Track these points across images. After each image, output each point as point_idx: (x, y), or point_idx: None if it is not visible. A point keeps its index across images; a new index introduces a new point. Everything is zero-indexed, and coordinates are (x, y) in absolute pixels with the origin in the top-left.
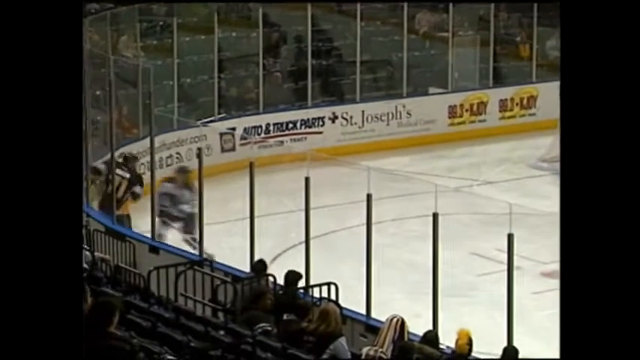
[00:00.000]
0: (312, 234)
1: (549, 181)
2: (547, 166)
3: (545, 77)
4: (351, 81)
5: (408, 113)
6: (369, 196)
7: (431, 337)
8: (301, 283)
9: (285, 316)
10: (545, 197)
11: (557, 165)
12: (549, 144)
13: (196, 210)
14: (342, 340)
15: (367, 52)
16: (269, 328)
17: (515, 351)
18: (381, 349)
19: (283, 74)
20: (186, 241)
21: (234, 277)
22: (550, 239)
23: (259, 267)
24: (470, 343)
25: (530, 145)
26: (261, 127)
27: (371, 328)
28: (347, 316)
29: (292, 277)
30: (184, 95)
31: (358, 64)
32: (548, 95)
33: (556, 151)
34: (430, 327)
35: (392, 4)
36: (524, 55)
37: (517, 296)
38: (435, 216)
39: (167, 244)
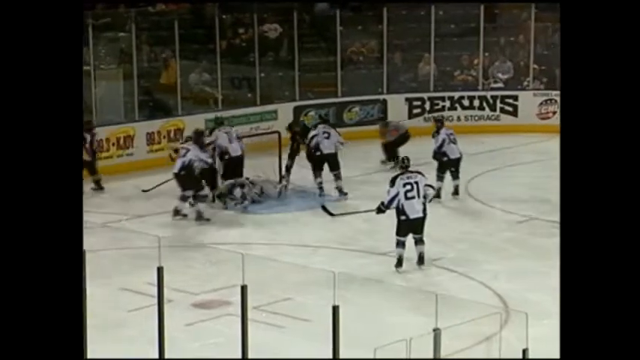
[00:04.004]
0: None
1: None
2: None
3: (190, 110)
4: None
5: None
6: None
7: None
8: None
9: None
10: (192, 229)
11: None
12: None
13: None
14: None
15: None
16: None
17: None
18: None
19: None
20: None
21: None
22: (200, 270)
23: None
24: None
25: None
26: None
27: None
28: None
29: None
30: None
31: None
32: (194, 127)
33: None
34: None
35: None
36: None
37: (169, 329)
38: (83, 253)
39: None
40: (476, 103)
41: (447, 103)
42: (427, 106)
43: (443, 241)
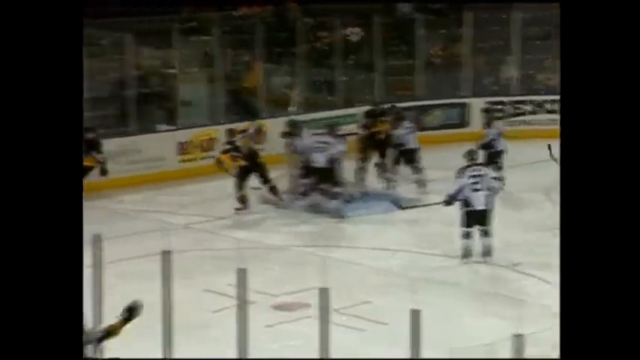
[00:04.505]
0: None
1: (277, 216)
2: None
3: (273, 112)
4: None
5: (138, 150)
6: (97, 237)
7: None
8: None
9: None
10: (273, 231)
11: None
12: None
13: None
14: None
15: (94, 89)
16: None
17: None
18: None
19: None
20: None
21: None
22: (280, 272)
23: None
24: None
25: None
26: None
27: None
28: None
29: None
30: None
31: (83, 101)
32: (277, 130)
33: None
34: None
35: (115, 39)
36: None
37: (251, 330)
38: (166, 254)
39: None
40: (558, 106)
41: (530, 107)
42: (509, 109)
43: (523, 245)
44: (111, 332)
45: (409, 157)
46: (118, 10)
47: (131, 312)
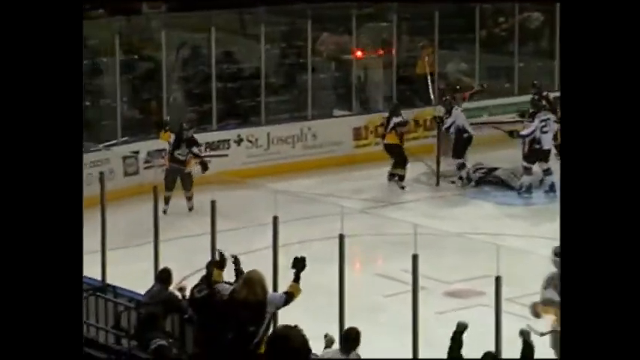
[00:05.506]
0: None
1: (450, 203)
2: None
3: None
4: (256, 103)
5: (314, 135)
6: (275, 219)
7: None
8: None
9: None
10: (446, 218)
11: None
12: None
13: None
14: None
15: (272, 75)
16: (163, 343)
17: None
18: None
19: (189, 96)
20: None
21: (137, 302)
22: (453, 259)
23: (165, 276)
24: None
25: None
26: (165, 150)
27: None
28: None
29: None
30: (85, 119)
31: (263, 87)
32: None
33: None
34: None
35: (295, 26)
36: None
37: (422, 316)
38: (341, 237)
39: None
40: None
41: None
42: None
43: None
44: (291, 293)
45: None
46: None
47: (298, 266)
